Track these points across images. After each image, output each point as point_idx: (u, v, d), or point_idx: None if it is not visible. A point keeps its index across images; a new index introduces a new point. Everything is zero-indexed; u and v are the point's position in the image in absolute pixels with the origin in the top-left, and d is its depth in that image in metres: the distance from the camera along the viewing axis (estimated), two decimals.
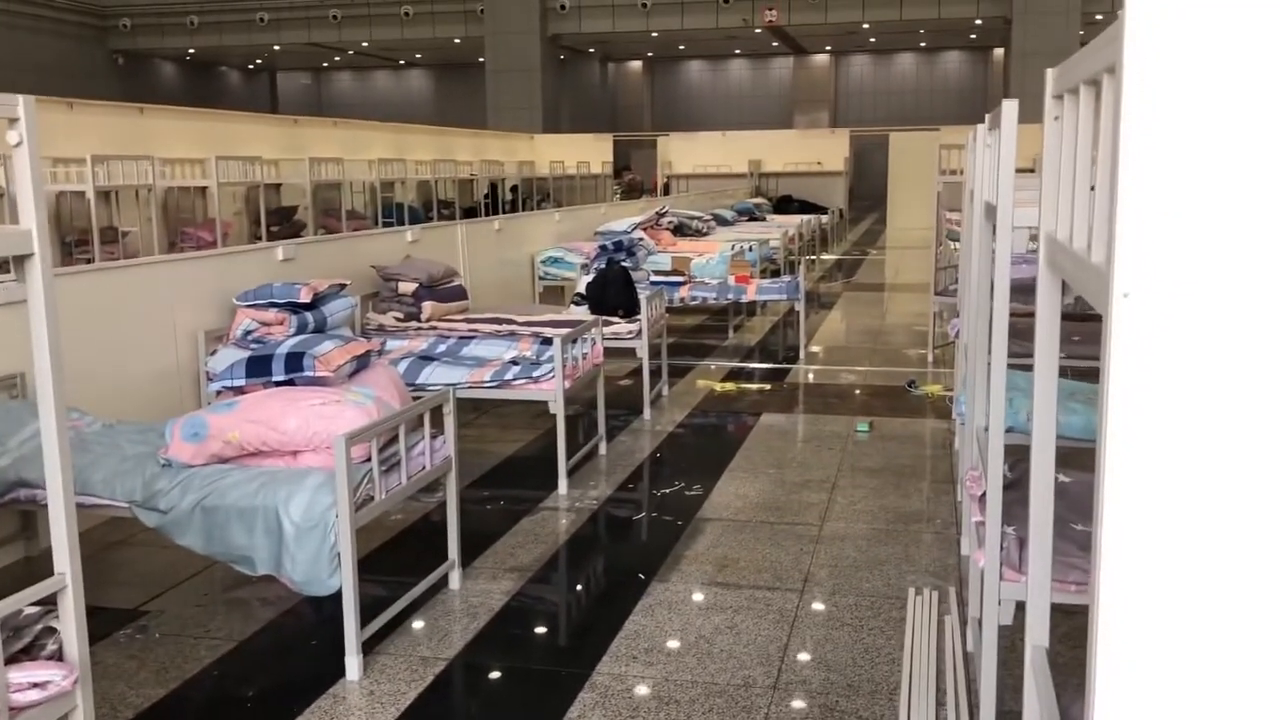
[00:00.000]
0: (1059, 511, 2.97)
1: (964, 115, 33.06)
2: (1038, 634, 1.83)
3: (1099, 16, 27.35)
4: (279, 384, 3.66)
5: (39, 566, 4.29)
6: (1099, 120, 1.31)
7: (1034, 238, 4.97)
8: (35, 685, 2.14)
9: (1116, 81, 1.02)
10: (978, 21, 28.31)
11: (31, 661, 2.19)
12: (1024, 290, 6.57)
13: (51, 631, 2.24)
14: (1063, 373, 4.84)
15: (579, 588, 4.15)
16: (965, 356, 4.60)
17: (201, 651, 3.51)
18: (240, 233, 12.01)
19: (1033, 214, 2.77)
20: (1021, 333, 4.67)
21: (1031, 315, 5.46)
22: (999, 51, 33.17)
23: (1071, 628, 3.54)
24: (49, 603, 2.27)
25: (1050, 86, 1.69)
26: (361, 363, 3.91)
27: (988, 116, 3.22)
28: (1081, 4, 24.55)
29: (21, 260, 2.12)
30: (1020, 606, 2.74)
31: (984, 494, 2.99)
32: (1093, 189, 1.37)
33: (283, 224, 12.30)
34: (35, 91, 2.15)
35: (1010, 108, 2.53)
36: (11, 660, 2.15)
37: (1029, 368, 4.80)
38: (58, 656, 2.25)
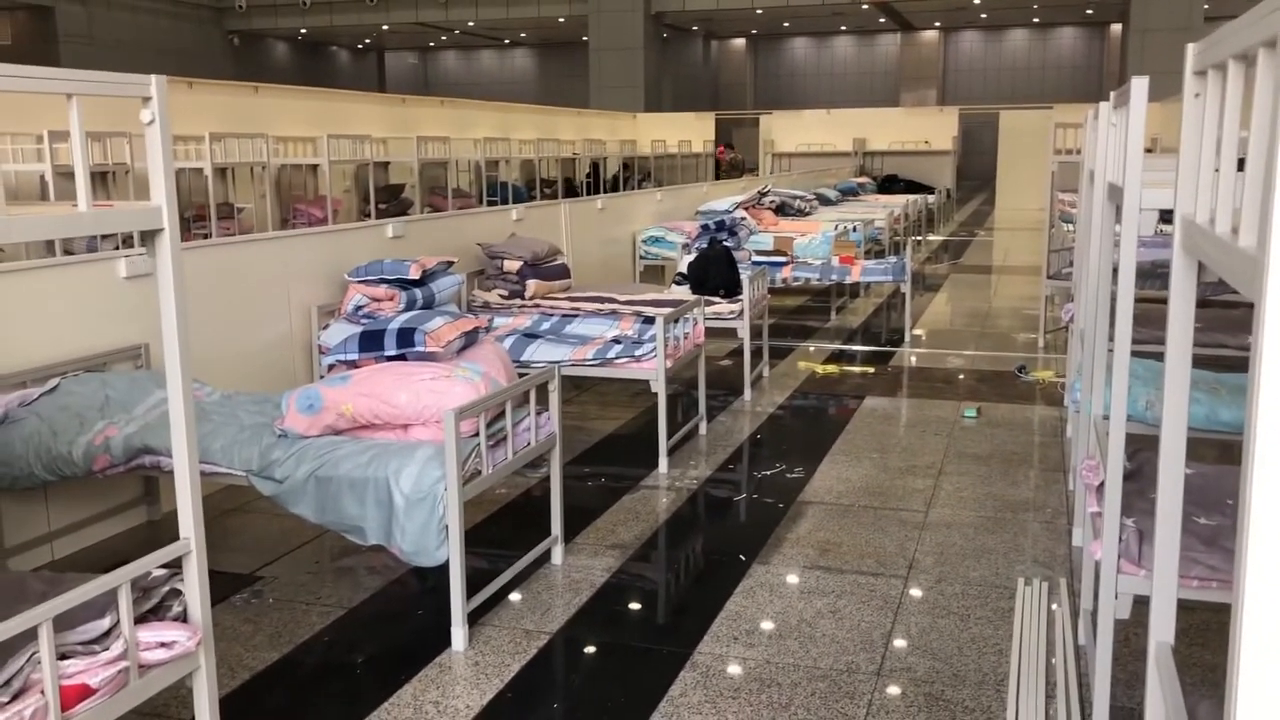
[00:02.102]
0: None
1: (1077, 93, 32.11)
2: (1162, 630, 1.77)
3: None
4: (390, 359, 3.73)
5: (162, 530, 4.46)
6: (1251, 97, 1.25)
7: (1164, 220, 4.76)
8: (162, 645, 2.23)
9: (1277, 55, 0.97)
10: None
11: (159, 621, 2.28)
12: (1145, 275, 6.33)
13: (177, 594, 2.33)
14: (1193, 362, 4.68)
15: (679, 567, 4.15)
16: (1081, 342, 4.46)
17: (313, 617, 3.61)
18: (349, 209, 12.27)
19: (1160, 195, 2.67)
20: (1142, 319, 4.52)
21: (1153, 300, 5.30)
22: (1116, 27, 32.05)
23: (1189, 624, 3.43)
24: (174, 566, 2.35)
25: (1191, 62, 1.61)
26: (470, 339, 3.96)
27: (1112, 94, 3.11)
28: None
29: (151, 235, 2.19)
30: (1139, 601, 2.66)
31: (1101, 484, 2.90)
32: (1240, 170, 1.31)
33: (390, 201, 12.53)
34: (155, 72, 2.20)
35: (1140, 85, 2.44)
36: (140, 620, 2.24)
37: (1148, 355, 4.65)
38: (182, 618, 2.33)
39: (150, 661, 2.22)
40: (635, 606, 3.76)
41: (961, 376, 7.23)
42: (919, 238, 15.51)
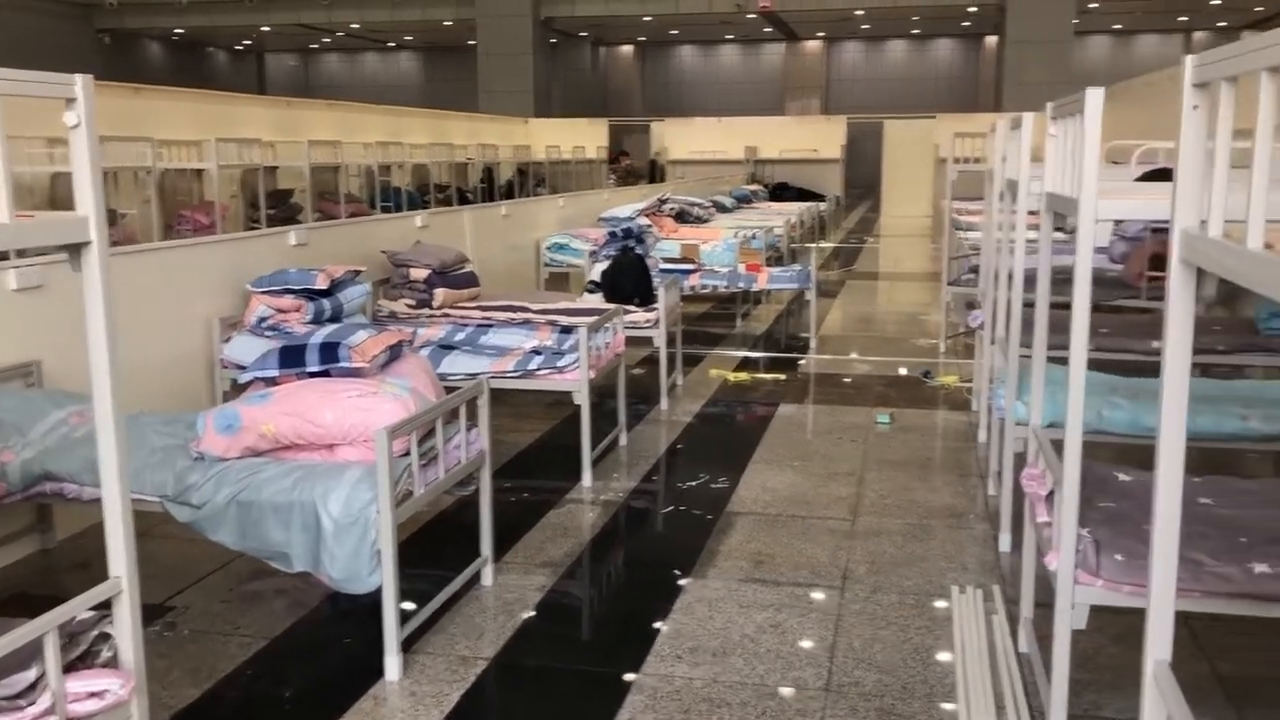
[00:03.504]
0: (1128, 512, 2.90)
1: (955, 103, 33.02)
2: (1160, 648, 1.75)
3: (1093, 4, 27.34)
4: (313, 375, 3.56)
5: (56, 559, 4.19)
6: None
7: (1059, 228, 4.79)
8: (93, 695, 2.04)
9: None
10: (972, 9, 28.23)
11: (88, 670, 2.09)
12: (1055, 281, 6.44)
13: (105, 638, 2.14)
14: (1099, 366, 4.78)
15: (614, 584, 4.06)
16: (1003, 350, 4.52)
17: (233, 649, 3.41)
18: (236, 215, 11.84)
19: (1117, 206, 2.69)
20: (1057, 325, 4.60)
21: (1060, 307, 5.31)
22: (991, 39, 33.08)
23: (1125, 628, 3.47)
24: (101, 607, 2.16)
25: (1190, 75, 1.59)
26: (394, 353, 3.81)
27: (1050, 106, 3.13)
28: None
29: (77, 248, 2.01)
30: (1095, 610, 2.67)
31: (1050, 494, 2.91)
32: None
33: (279, 207, 12.14)
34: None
35: (1095, 95, 2.44)
36: (67, 669, 2.05)
37: (1063, 361, 4.71)
38: (112, 663, 2.15)
39: (80, 714, 2.03)
40: (574, 627, 3.65)
41: (870, 382, 7.30)
42: (812, 245, 15.71)
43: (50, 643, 1.97)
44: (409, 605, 3.46)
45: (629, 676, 3.24)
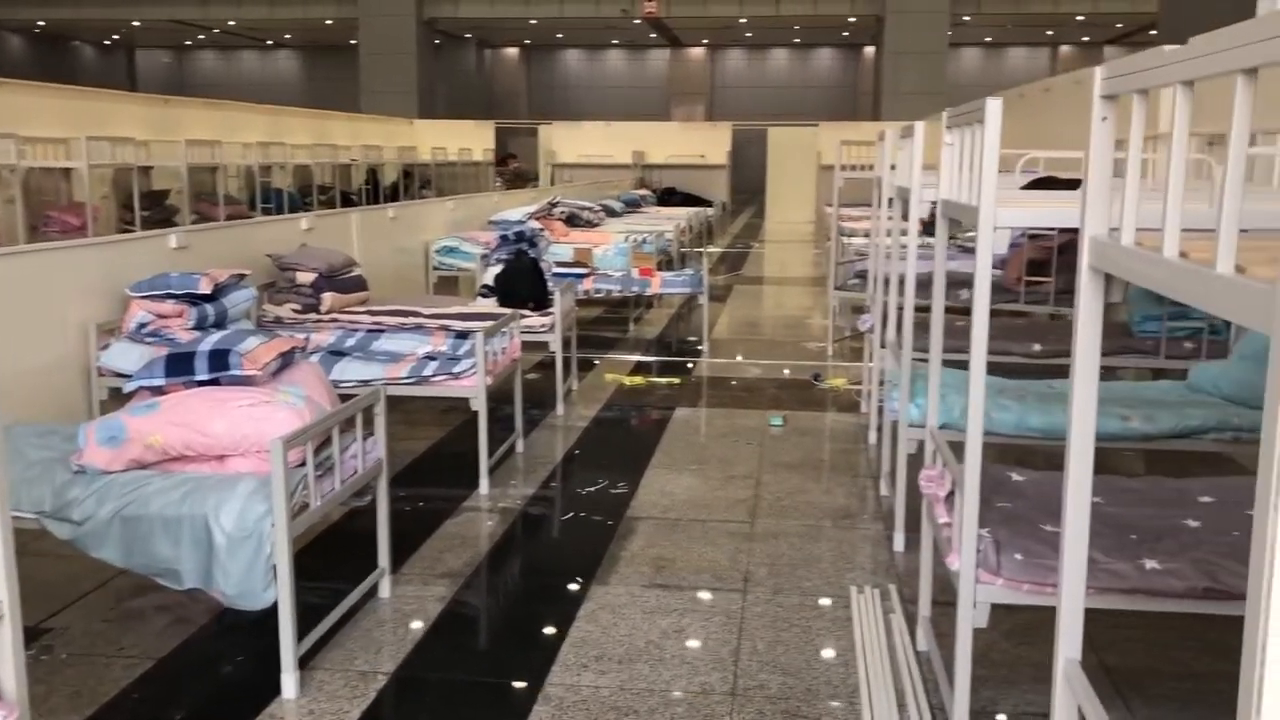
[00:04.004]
0: (1024, 512, 2.98)
1: (835, 111, 33.74)
2: (1070, 646, 1.79)
3: (966, 18, 28.25)
4: (202, 383, 3.42)
5: None
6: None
7: (926, 232, 4.83)
8: None
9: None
10: (851, 19, 28.88)
11: None
12: (924, 285, 6.63)
13: None
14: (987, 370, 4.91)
15: (516, 593, 4.00)
16: (895, 353, 4.61)
17: (117, 672, 3.25)
18: (109, 217, 11.37)
19: (1017, 214, 2.76)
20: (950, 330, 4.70)
21: (958, 312, 5.43)
22: (869, 50, 33.90)
23: (1016, 624, 3.57)
24: None
25: (1099, 88, 1.64)
26: (286, 360, 3.68)
27: (945, 114, 3.20)
28: (950, 5, 25.25)
29: None
30: (995, 609, 2.73)
31: (949, 495, 2.97)
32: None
33: (153, 208, 11.70)
34: None
35: (995, 106, 2.50)
36: None
37: (959, 364, 4.82)
38: None
39: None
40: (475, 638, 3.59)
41: (762, 385, 7.38)
42: (700, 249, 15.84)
43: None
44: (304, 620, 3.35)
45: (535, 687, 3.19)
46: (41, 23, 30.41)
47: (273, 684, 3.11)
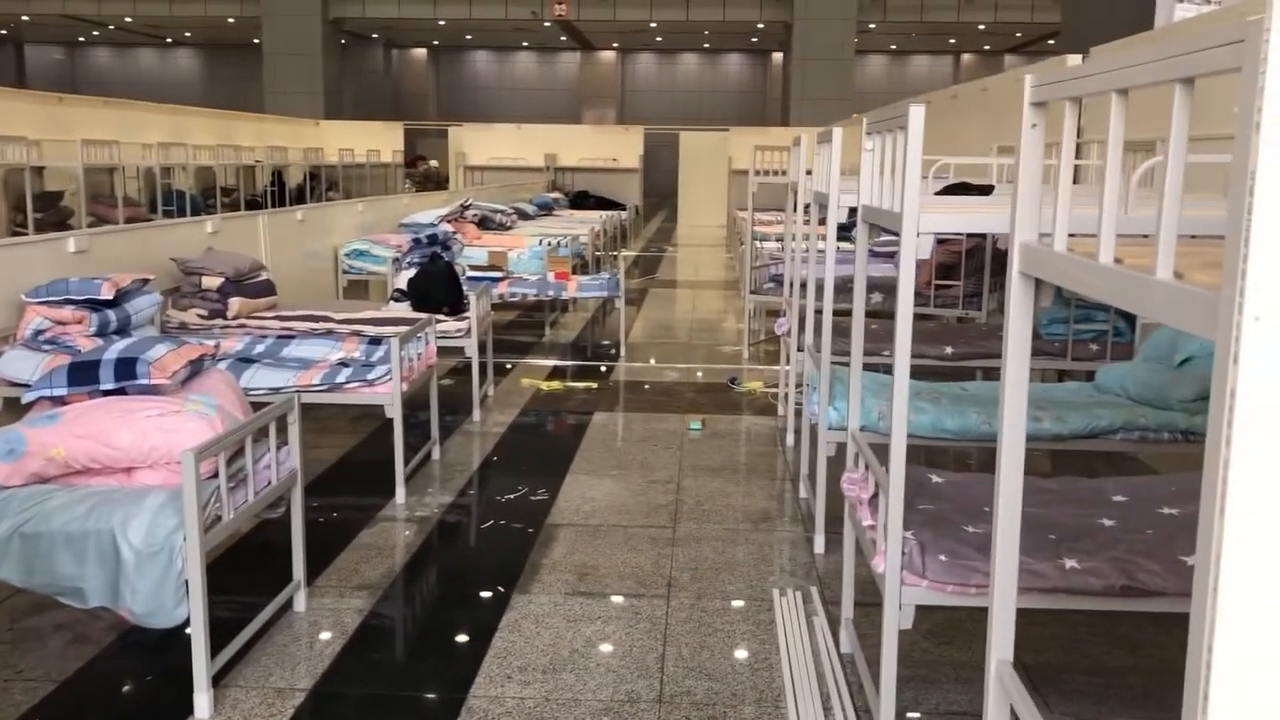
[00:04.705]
0: (946, 514, 3.01)
1: (744, 116, 34.06)
2: (1002, 648, 1.81)
3: (872, 25, 28.79)
4: (107, 393, 3.28)
5: None
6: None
7: (844, 237, 4.90)
8: None
9: (1253, 94, 0.97)
10: (760, 25, 29.19)
11: None
12: (840, 290, 6.69)
13: None
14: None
15: (436, 603, 3.92)
16: (813, 357, 4.64)
17: (16, 696, 3.10)
18: None
19: (937, 220, 2.79)
20: (865, 334, 4.74)
21: (883, 316, 5.51)
22: (777, 56, 34.31)
23: (935, 624, 3.61)
24: None
25: (1029, 94, 1.65)
26: (195, 367, 3.56)
27: (865, 119, 3.23)
28: (856, 13, 25.69)
29: None
30: (923, 610, 2.75)
31: (872, 497, 3.00)
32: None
33: (47, 210, 11.26)
34: None
35: (918, 112, 2.52)
36: None
37: (874, 368, 4.86)
38: None
39: None
40: (395, 651, 3.50)
41: (679, 389, 7.39)
42: (614, 253, 15.84)
43: None
44: (217, 636, 3.24)
45: (458, 699, 3.13)
46: None
47: (185, 704, 3.00)
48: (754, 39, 33.97)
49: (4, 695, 3.10)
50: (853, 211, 3.77)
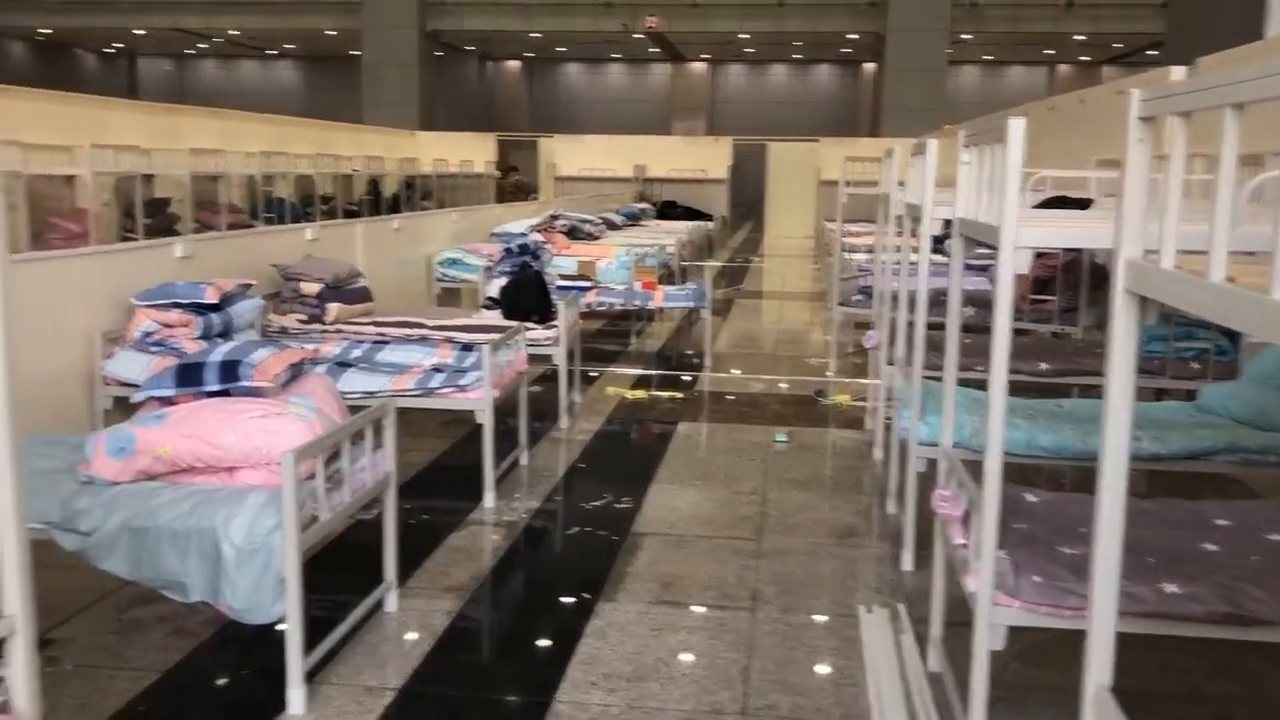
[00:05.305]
0: (1040, 533, 2.96)
1: (834, 127, 33.81)
2: (1101, 671, 1.77)
3: (965, 36, 28.36)
4: (212, 394, 3.39)
5: None
6: None
7: (937, 249, 4.89)
8: None
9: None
10: (851, 36, 28.98)
11: None
12: (933, 303, 6.63)
13: None
14: (985, 387, 4.90)
15: (522, 608, 3.97)
16: (904, 371, 4.59)
17: (122, 684, 3.22)
18: (111, 225, 11.33)
19: (1036, 234, 2.75)
20: (964, 348, 4.68)
21: (976, 330, 5.45)
22: (869, 66, 34.00)
23: (1027, 645, 3.54)
24: None
25: (1136, 109, 1.62)
26: (295, 371, 3.66)
27: (963, 133, 3.19)
28: (950, 23, 25.35)
29: None
30: (1013, 631, 2.70)
31: (964, 515, 2.95)
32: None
33: (155, 216, 11.67)
34: None
35: (1018, 125, 2.49)
36: None
37: (966, 383, 4.80)
38: (4, 709, 1.99)
39: None
40: (482, 654, 3.56)
41: (765, 400, 7.36)
42: (702, 263, 15.84)
43: None
44: (311, 634, 3.32)
45: (544, 704, 3.16)
46: (44, 31, 30.43)
47: (279, 699, 3.08)
48: (845, 49, 33.72)
49: (111, 684, 3.22)
50: (947, 224, 3.74)
